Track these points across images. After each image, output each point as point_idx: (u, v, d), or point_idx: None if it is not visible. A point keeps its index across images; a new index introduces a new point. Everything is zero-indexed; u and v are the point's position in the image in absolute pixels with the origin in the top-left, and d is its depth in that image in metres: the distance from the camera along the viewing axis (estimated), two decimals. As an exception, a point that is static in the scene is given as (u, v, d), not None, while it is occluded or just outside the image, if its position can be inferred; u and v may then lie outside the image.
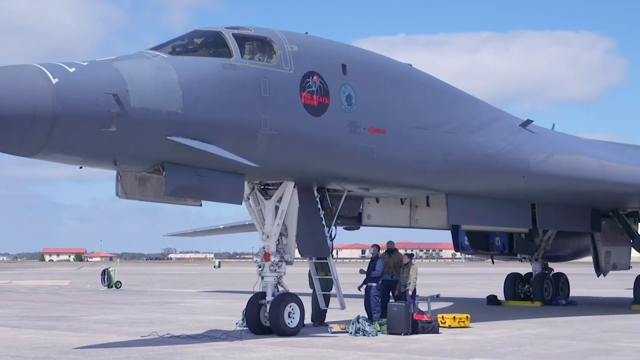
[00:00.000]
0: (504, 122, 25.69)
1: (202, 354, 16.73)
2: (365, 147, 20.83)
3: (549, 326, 23.58)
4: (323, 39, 21.24)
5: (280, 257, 20.99)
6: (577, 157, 27.80)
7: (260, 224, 21.21)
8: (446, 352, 17.29)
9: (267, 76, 18.95)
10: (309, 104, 19.60)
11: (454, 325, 22.64)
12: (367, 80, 21.18)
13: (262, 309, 20.71)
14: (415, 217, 27.76)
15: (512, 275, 35.32)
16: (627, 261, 35.26)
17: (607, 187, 28.29)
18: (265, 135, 18.80)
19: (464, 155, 23.60)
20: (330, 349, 17.88)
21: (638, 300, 31.59)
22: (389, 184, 23.01)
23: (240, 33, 19.27)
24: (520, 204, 27.75)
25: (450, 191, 24.60)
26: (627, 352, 17.42)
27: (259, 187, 21.24)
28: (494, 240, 34.53)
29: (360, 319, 21.05)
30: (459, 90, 24.88)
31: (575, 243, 36.71)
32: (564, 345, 18.60)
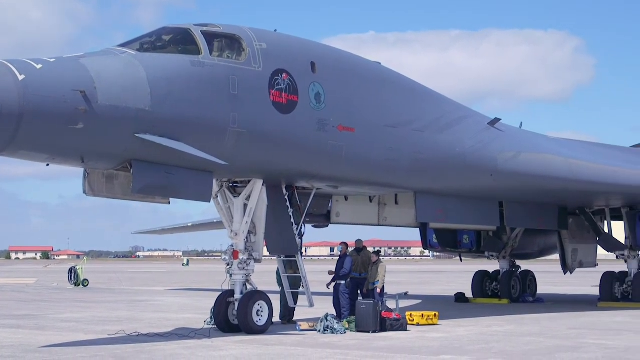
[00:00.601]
0: (472, 121, 25.79)
1: (169, 352, 16.66)
2: (334, 145, 20.84)
3: (517, 323, 23.70)
4: (292, 37, 21.22)
5: (248, 255, 20.96)
6: (544, 156, 27.96)
7: (229, 221, 21.16)
8: (414, 350, 17.33)
9: (236, 74, 18.90)
10: (278, 101, 19.57)
11: (422, 323, 22.70)
12: (336, 78, 21.18)
13: (231, 307, 20.67)
14: (383, 215, 27.83)
15: (480, 273, 35.48)
16: (593, 259, 35.56)
17: (574, 186, 28.48)
18: (234, 133, 18.75)
19: (433, 154, 23.66)
20: (299, 346, 17.87)
21: (604, 297, 31.84)
22: (357, 182, 23.04)
23: (209, 30, 19.19)
24: (488, 202, 27.88)
25: (419, 189, 24.66)
26: (594, 349, 17.54)
27: (227, 185, 21.18)
28: (462, 238, 34.69)
29: (328, 316, 21.05)
30: (428, 88, 24.94)
31: (542, 241, 36.95)
32: (531, 342, 18.70)
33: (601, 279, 32.39)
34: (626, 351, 17.15)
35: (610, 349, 17.56)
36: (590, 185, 29.07)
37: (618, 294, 31.83)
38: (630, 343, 18.66)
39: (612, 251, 32.79)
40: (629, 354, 16.64)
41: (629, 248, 32.09)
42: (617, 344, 18.40)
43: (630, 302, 31.11)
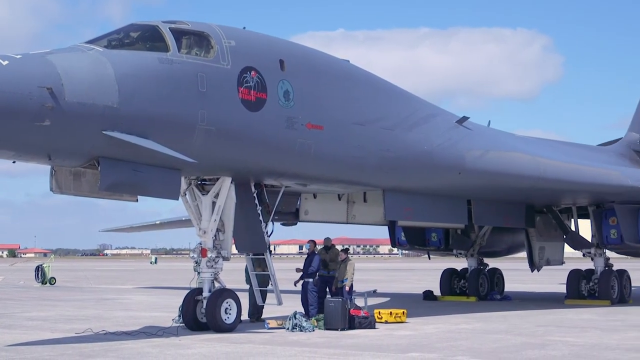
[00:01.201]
0: (440, 119, 25.86)
1: (137, 351, 16.59)
2: (303, 142, 20.83)
3: (484, 321, 23.82)
4: (261, 34, 21.18)
5: (217, 253, 20.91)
6: (512, 154, 28.10)
7: (197, 219, 21.09)
8: (382, 347, 17.36)
9: (205, 71, 18.84)
10: (247, 99, 19.53)
11: (390, 321, 22.75)
12: (304, 76, 21.17)
13: (199, 305, 20.61)
14: (352, 213, 27.89)
15: (448, 271, 35.61)
16: (560, 256, 35.79)
17: (541, 184, 28.65)
18: (202, 130, 18.68)
19: (401, 152, 23.71)
20: (267, 344, 17.85)
21: (571, 295, 32.06)
22: (326, 179, 23.04)
23: (177, 27, 19.12)
24: (456, 200, 27.98)
25: (387, 187, 24.70)
26: (560, 346, 17.67)
27: (195, 183, 21.11)
28: (430, 236, 34.81)
29: (297, 314, 21.05)
30: (397, 86, 24.99)
31: (510, 239, 37.15)
32: (499, 340, 18.80)
33: (568, 276, 32.61)
34: (592, 348, 17.29)
35: (577, 346, 17.70)
36: (557, 183, 29.25)
37: (584, 292, 32.05)
38: (597, 340, 18.81)
39: (579, 249, 33.02)
40: (595, 351, 16.78)
41: (595, 246, 32.33)
42: (583, 341, 18.55)
43: (596, 300, 31.34)
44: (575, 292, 32.02)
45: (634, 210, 31.70)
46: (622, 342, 18.54)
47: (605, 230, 32.05)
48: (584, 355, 16.15)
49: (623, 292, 32.15)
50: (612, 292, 31.53)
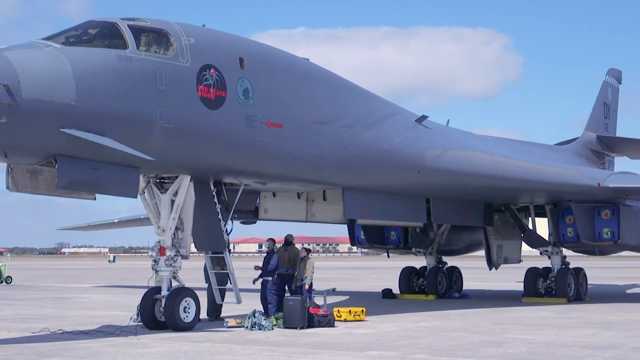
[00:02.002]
0: (400, 118, 25.96)
1: (95, 350, 16.47)
2: (262, 141, 20.80)
3: (443, 319, 23.95)
4: (220, 32, 21.12)
5: (176, 251, 20.82)
6: (470, 153, 28.28)
7: (156, 217, 20.98)
8: (341, 346, 17.39)
9: (164, 68, 18.75)
10: (206, 97, 19.47)
11: (349, 319, 22.79)
12: (264, 74, 21.15)
13: (157, 304, 20.51)
14: (311, 211, 27.88)
15: (407, 269, 35.74)
16: (518, 255, 36.11)
17: (499, 183, 28.87)
18: (161, 128, 18.59)
19: (361, 150, 23.77)
20: (226, 343, 17.81)
21: (528, 292, 32.32)
22: (286, 178, 23.02)
23: (136, 24, 19.01)
24: (415, 198, 28.08)
25: (347, 186, 24.74)
26: (518, 343, 17.81)
27: (154, 181, 21.00)
28: (390, 234, 34.92)
29: (256, 313, 21.02)
30: (356, 85, 25.04)
31: (468, 237, 37.38)
32: (457, 338, 18.91)
33: (525, 274, 32.87)
34: (549, 345, 17.45)
35: (534, 343, 17.85)
36: (515, 182, 29.50)
37: (542, 290, 32.34)
38: (553, 337, 18.99)
39: (536, 247, 33.33)
40: (552, 348, 16.93)
41: (552, 244, 32.65)
42: (540, 339, 18.72)
43: (553, 298, 31.63)
44: (532, 290, 32.28)
45: (590, 209, 32.05)
46: (578, 339, 18.73)
47: (562, 229, 32.38)
48: (541, 353, 16.29)
49: (579, 290, 32.47)
50: (569, 290, 31.84)
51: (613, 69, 45.42)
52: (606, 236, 31.74)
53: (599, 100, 43.60)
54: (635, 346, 17.34)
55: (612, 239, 31.69)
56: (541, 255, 33.50)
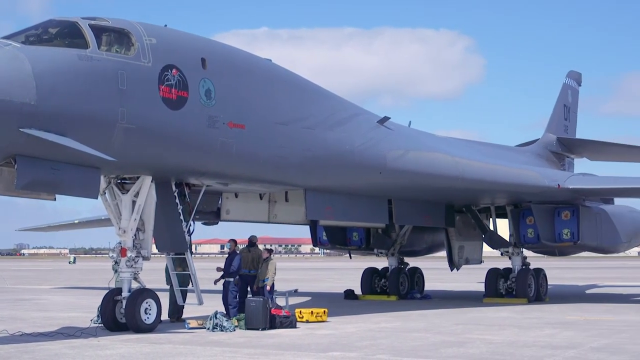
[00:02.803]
0: (362, 119, 26.02)
1: (54, 352, 16.34)
2: (224, 142, 20.74)
3: (404, 320, 24.03)
4: (182, 32, 21.03)
5: (137, 252, 20.72)
6: (432, 154, 28.41)
7: (117, 218, 20.85)
8: (303, 347, 17.39)
9: (125, 68, 18.63)
10: (168, 97, 19.38)
11: (311, 320, 22.80)
12: (226, 74, 21.10)
13: (118, 305, 20.39)
14: (274, 212, 27.85)
15: (368, 270, 35.82)
16: (479, 255, 36.31)
17: (460, 184, 29.03)
18: (122, 128, 18.47)
19: (323, 151, 23.79)
20: (187, 344, 17.75)
21: (489, 293, 32.52)
22: (248, 179, 22.98)
23: (97, 24, 18.87)
24: (377, 199, 28.16)
25: (309, 187, 24.75)
26: (478, 343, 17.91)
27: (115, 181, 20.87)
28: (352, 235, 34.96)
29: (217, 314, 20.96)
30: (319, 86, 25.06)
31: (430, 238, 37.53)
32: (418, 339, 18.97)
33: (486, 275, 33.07)
34: (510, 345, 17.57)
35: (495, 343, 17.96)
36: (475, 183, 29.68)
37: (502, 290, 32.55)
38: (514, 338, 19.12)
39: (497, 248, 33.55)
40: (512, 348, 17.05)
41: (513, 245, 32.89)
42: (501, 339, 18.84)
43: (513, 298, 31.85)
44: (493, 291, 32.48)
45: (550, 210, 32.33)
46: (538, 339, 18.88)
47: (523, 230, 32.63)
48: (501, 353, 16.39)
49: (539, 290, 32.72)
50: (529, 291, 32.07)
51: (573, 72, 45.83)
52: (566, 237, 32.04)
53: (559, 102, 43.98)
54: (594, 346, 17.51)
55: (572, 239, 32.00)
56: (502, 256, 33.70)
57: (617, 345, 17.60)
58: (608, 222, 33.42)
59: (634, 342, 18.20)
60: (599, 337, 19.29)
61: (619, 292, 40.59)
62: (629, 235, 34.98)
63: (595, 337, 19.14)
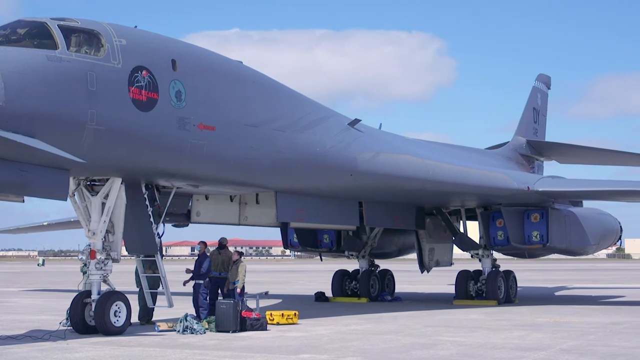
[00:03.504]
0: (333, 121, 26.03)
1: (23, 355, 16.21)
2: (195, 143, 20.68)
3: (375, 322, 24.05)
4: (153, 34, 20.95)
5: (106, 254, 20.59)
6: (402, 156, 28.48)
7: (86, 220, 20.72)
8: (273, 349, 17.37)
9: (94, 70, 18.52)
10: (138, 99, 19.29)
11: (282, 322, 22.77)
12: (197, 76, 21.03)
13: (88, 308, 20.26)
14: (244, 214, 27.78)
15: (339, 272, 35.83)
16: (449, 258, 36.47)
17: (430, 186, 29.12)
18: (91, 130, 18.36)
19: (294, 153, 23.78)
20: (157, 347, 17.68)
21: (459, 295, 32.65)
22: (218, 181, 22.93)
23: (66, 25, 18.74)
24: (348, 201, 28.20)
25: (280, 189, 24.74)
26: (448, 345, 17.96)
27: (85, 183, 20.74)
28: (322, 237, 34.98)
29: (188, 316, 20.88)
30: (289, 88, 25.05)
31: (400, 240, 37.62)
32: (389, 341, 19.01)
33: (456, 277, 33.20)
34: (480, 347, 17.64)
35: (465, 345, 18.03)
36: (445, 186, 29.79)
37: (472, 292, 32.68)
38: (484, 340, 19.19)
39: (467, 250, 33.72)
40: (482, 350, 17.12)
41: (483, 247, 33.04)
42: (471, 341, 18.91)
43: (483, 300, 32.00)
44: (463, 293, 32.61)
45: (520, 213, 32.50)
46: (508, 341, 18.96)
47: (493, 232, 32.79)
48: (471, 355, 16.46)
49: (509, 292, 32.90)
50: (499, 293, 32.21)
51: (542, 75, 46.15)
52: (535, 239, 32.23)
53: (529, 105, 44.27)
54: (563, 348, 17.62)
55: (541, 242, 32.20)
56: (472, 258, 33.86)
57: (586, 347, 17.72)
58: (577, 224, 33.65)
59: (602, 344, 18.33)
60: (567, 338, 19.41)
61: (587, 294, 40.87)
62: (597, 238, 35.25)
63: (564, 339, 19.26)
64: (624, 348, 17.59)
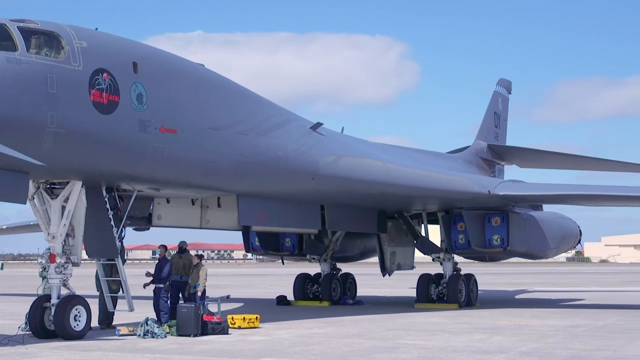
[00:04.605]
0: (295, 125, 26.04)
1: (-20, 360, 16.04)
2: (156, 146, 20.59)
3: (337, 325, 24.07)
4: (114, 36, 20.83)
5: (66, 258, 20.44)
6: (364, 160, 28.55)
7: (46, 224, 20.54)
8: (235, 353, 17.33)
9: (55, 72, 18.38)
10: (99, 101, 19.17)
11: (243, 326, 22.72)
12: (158, 79, 20.95)
13: (47, 312, 20.08)
14: (206, 217, 27.69)
15: (301, 276, 35.82)
16: (411, 261, 36.58)
17: (392, 190, 29.22)
18: (51, 133, 18.22)
19: (256, 157, 23.75)
20: (117, 352, 17.57)
21: (421, 298, 32.75)
22: (180, 184, 22.83)
23: (25, 26, 18.59)
24: (310, 205, 28.21)
25: (242, 192, 24.69)
26: (410, 349, 18.02)
27: (44, 186, 20.56)
28: (284, 241, 34.92)
29: (149, 321, 20.78)
30: (252, 91, 25.03)
31: (362, 244, 37.67)
32: (350, 344, 19.03)
33: (418, 281, 33.31)
34: (440, 350, 17.71)
35: (426, 348, 18.09)
36: (406, 189, 29.90)
37: (434, 296, 32.82)
38: (445, 343, 19.27)
39: (429, 254, 33.85)
40: (443, 353, 17.19)
41: (444, 251, 33.20)
42: (432, 344, 18.98)
43: (444, 303, 32.15)
44: (424, 296, 32.73)
45: (481, 216, 32.69)
46: (469, 344, 19.06)
47: (454, 236, 32.94)
48: (432, 358, 16.52)
49: (470, 296, 33.07)
50: (460, 296, 32.37)
51: (503, 79, 46.47)
52: (496, 243, 32.43)
53: (490, 109, 44.54)
54: (523, 350, 17.74)
55: (502, 245, 32.40)
56: (433, 261, 34.01)
57: (546, 350, 17.86)
58: (537, 228, 33.90)
59: (562, 347, 18.48)
60: (527, 341, 19.55)
61: (547, 297, 41.20)
62: (557, 241, 35.54)
63: (524, 342, 19.39)
64: (583, 350, 17.75)
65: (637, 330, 22.60)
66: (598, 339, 20.15)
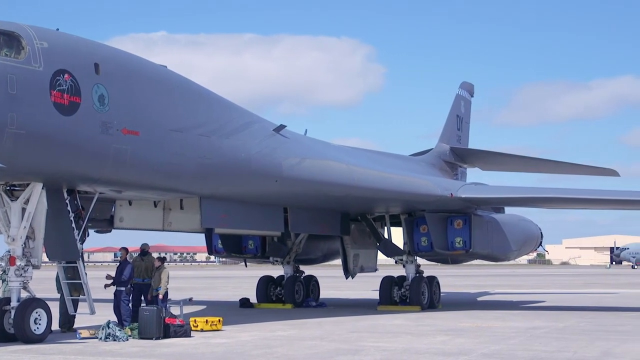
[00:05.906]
0: (258, 127, 25.99)
1: (-62, 364, 15.84)
2: (118, 148, 20.45)
3: (300, 328, 24.06)
4: (75, 37, 20.67)
5: (26, 261, 20.22)
6: (327, 163, 28.56)
7: (6, 226, 20.32)
8: (197, 356, 17.26)
9: (15, 72, 18.20)
10: (60, 102, 19.00)
11: (206, 329, 22.64)
12: (120, 80, 20.81)
13: (7, 316, 19.86)
14: (168, 220, 27.54)
15: (264, 278, 35.76)
16: (374, 263, 36.65)
17: (354, 192, 29.26)
18: (11, 134, 18.04)
19: (219, 159, 23.67)
20: (79, 355, 17.45)
21: (384, 301, 32.82)
22: (142, 186, 22.69)
23: (-16, 26, 18.38)
24: (273, 207, 28.16)
25: (204, 194, 24.59)
26: (372, 351, 18.05)
27: (4, 188, 20.34)
28: (247, 243, 34.82)
29: (110, 324, 20.64)
30: (215, 93, 24.95)
31: (325, 246, 37.68)
32: (313, 346, 19.02)
33: (381, 283, 33.37)
34: (403, 352, 17.76)
35: (388, 351, 18.13)
36: (369, 192, 29.97)
37: (396, 298, 32.89)
38: (407, 345, 19.33)
39: (392, 256, 33.92)
40: (406, 355, 17.24)
41: (407, 253, 33.28)
42: (394, 346, 19.03)
43: (407, 306, 32.23)
44: (387, 299, 32.79)
45: (443, 219, 32.84)
46: (431, 345, 19.13)
47: (417, 238, 33.04)
48: (395, 360, 16.56)
49: (433, 298, 33.18)
50: (423, 298, 32.49)
51: (466, 83, 46.70)
52: (458, 245, 32.59)
53: (452, 112, 44.76)
54: (485, 352, 17.84)
55: (464, 248, 32.56)
56: (396, 264, 34.09)
57: (507, 351, 17.97)
58: (499, 230, 34.11)
59: (523, 348, 18.61)
60: (489, 343, 19.66)
61: (509, 299, 41.49)
62: (518, 244, 35.79)
63: (486, 344, 19.49)
64: (543, 352, 17.89)
65: (597, 332, 22.82)
66: (558, 341, 20.32)
